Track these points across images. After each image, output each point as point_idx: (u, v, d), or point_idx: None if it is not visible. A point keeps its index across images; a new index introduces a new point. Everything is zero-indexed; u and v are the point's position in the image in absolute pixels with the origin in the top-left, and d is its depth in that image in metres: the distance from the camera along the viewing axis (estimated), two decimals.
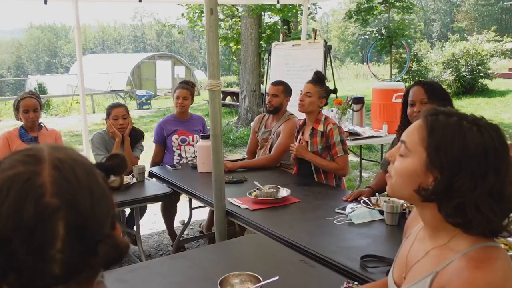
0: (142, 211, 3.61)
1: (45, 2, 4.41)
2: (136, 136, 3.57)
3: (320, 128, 2.99)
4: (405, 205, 2.17)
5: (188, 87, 3.72)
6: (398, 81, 9.22)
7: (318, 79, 3.03)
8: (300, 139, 3.08)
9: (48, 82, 19.16)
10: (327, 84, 3.11)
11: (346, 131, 4.17)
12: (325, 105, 3.09)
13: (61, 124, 11.23)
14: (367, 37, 15.17)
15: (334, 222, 2.19)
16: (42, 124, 3.35)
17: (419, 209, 1.08)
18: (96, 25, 64.03)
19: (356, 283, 1.54)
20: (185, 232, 3.89)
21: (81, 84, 4.82)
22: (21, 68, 52.37)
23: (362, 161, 5.43)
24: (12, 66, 53.14)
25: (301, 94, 3.02)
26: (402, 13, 13.27)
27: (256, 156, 3.66)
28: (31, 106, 3.19)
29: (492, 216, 0.94)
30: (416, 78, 12.57)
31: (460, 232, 1.00)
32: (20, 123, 3.29)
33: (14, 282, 0.57)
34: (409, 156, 1.03)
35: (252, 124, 3.89)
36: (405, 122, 2.43)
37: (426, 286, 0.99)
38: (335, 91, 3.24)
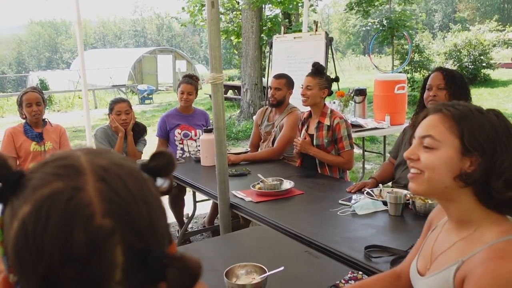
0: None
1: None
2: (139, 131, 3.59)
3: (327, 121, 2.98)
4: (408, 195, 2.18)
5: (192, 82, 3.72)
6: (400, 72, 9.20)
7: (316, 70, 3.01)
8: (303, 134, 3.08)
9: (50, 78, 19.14)
10: (329, 75, 3.11)
11: None
12: (329, 95, 3.06)
13: (63, 120, 11.25)
14: (368, 28, 15.09)
15: (338, 213, 2.20)
16: (46, 120, 3.35)
17: (445, 203, 1.10)
18: (96, 20, 63.84)
19: (360, 272, 1.55)
20: (190, 226, 3.91)
21: (83, 79, 4.83)
22: (22, 64, 52.34)
23: (365, 152, 5.44)
24: (13, 62, 53.12)
25: (302, 88, 3.02)
26: (403, 3, 13.19)
27: (259, 149, 3.67)
28: (33, 100, 3.19)
29: None
30: (418, 69, 12.52)
31: (485, 224, 1.03)
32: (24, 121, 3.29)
33: None
34: (441, 147, 1.05)
35: (254, 117, 3.90)
36: (422, 106, 2.46)
37: (451, 274, 1.02)
38: (337, 79, 3.23)
